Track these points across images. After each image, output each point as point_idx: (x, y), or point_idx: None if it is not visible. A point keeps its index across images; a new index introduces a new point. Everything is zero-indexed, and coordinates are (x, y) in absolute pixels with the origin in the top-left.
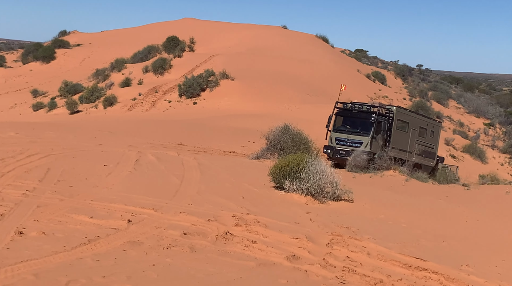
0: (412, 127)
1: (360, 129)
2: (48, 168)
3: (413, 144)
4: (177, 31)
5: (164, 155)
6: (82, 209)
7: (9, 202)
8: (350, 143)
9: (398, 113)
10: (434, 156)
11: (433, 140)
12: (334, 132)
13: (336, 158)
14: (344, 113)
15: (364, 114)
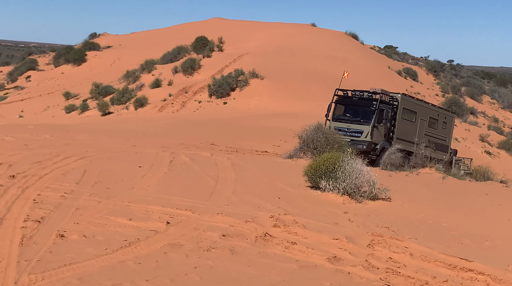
0: (420, 117)
1: (360, 118)
2: (84, 170)
3: (421, 135)
4: (206, 31)
5: (197, 155)
6: (120, 211)
7: (49, 205)
8: (350, 133)
9: (404, 101)
10: (447, 149)
11: (445, 132)
12: (333, 122)
13: None
14: (344, 101)
15: (365, 102)
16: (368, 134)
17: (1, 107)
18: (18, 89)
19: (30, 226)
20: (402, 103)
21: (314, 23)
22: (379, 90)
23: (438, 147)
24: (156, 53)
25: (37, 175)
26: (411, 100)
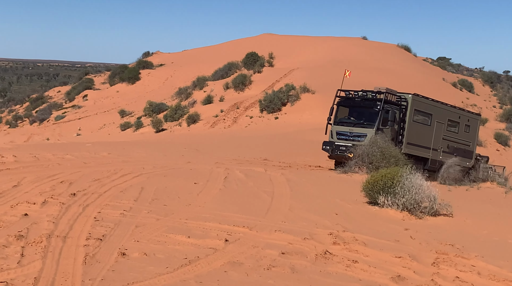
0: (437, 120)
1: (364, 120)
2: (141, 187)
3: (438, 140)
4: (256, 47)
5: (252, 171)
6: (178, 228)
7: (109, 222)
8: (352, 137)
9: (415, 102)
10: (471, 155)
11: (469, 136)
12: (335, 125)
13: (335, 155)
14: (346, 103)
15: (368, 103)
16: (372, 139)
17: (60, 126)
18: (75, 108)
19: (92, 244)
20: (413, 104)
21: (365, 36)
22: (384, 90)
23: (460, 153)
24: (207, 70)
25: (97, 192)
26: (424, 101)
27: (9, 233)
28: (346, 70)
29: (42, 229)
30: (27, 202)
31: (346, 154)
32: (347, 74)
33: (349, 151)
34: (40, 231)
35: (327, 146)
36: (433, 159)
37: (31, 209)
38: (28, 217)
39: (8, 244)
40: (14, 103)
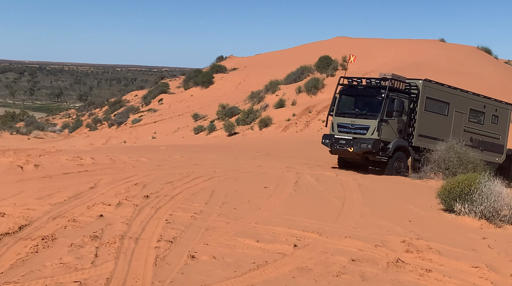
0: (456, 110)
1: (367, 110)
2: (212, 190)
3: (458, 132)
4: (329, 50)
5: (322, 175)
6: (247, 232)
7: (180, 225)
8: (353, 129)
9: (427, 89)
10: (502, 150)
11: (498, 128)
12: (336, 117)
13: (335, 150)
14: (349, 92)
15: (371, 91)
16: (375, 131)
17: (136, 129)
18: (151, 112)
19: (163, 246)
20: (425, 92)
21: (443, 39)
22: (390, 76)
23: (486, 147)
24: (280, 73)
25: (169, 195)
26: (439, 87)
27: (85, 234)
28: (351, 55)
29: (116, 230)
30: (102, 203)
31: (346, 148)
32: (352, 59)
33: (349, 145)
34: (114, 232)
35: (326, 139)
36: None
37: (106, 210)
38: (103, 218)
39: (83, 244)
40: (94, 107)
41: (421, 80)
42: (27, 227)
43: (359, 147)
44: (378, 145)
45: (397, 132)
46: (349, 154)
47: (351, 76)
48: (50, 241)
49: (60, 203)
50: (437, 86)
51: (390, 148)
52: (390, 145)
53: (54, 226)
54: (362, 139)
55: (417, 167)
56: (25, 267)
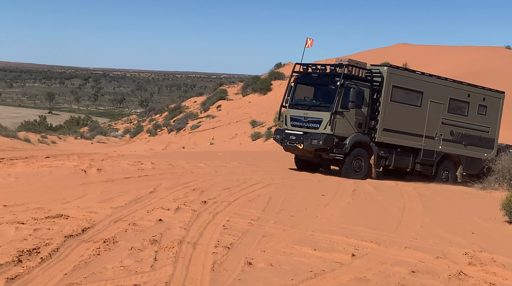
0: (431, 100)
1: (321, 101)
2: (269, 197)
3: (435, 125)
4: (390, 57)
5: (382, 184)
6: (304, 240)
7: (237, 231)
8: (306, 123)
9: (393, 77)
10: (492, 144)
11: (486, 120)
12: (289, 109)
13: (286, 146)
14: (303, 80)
15: (326, 79)
16: (328, 125)
17: (195, 135)
18: (209, 118)
19: (220, 252)
20: (391, 80)
21: (508, 46)
22: (346, 61)
23: (472, 141)
24: None
25: (226, 201)
26: (408, 75)
27: (145, 238)
28: (308, 39)
29: (174, 234)
30: (161, 208)
31: (296, 145)
32: (309, 43)
33: (300, 141)
34: (173, 237)
35: (277, 135)
36: (428, 150)
37: (165, 215)
38: (162, 222)
39: (143, 248)
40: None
41: (386, 67)
42: (89, 230)
43: (309, 143)
44: (331, 141)
45: (356, 126)
46: (300, 151)
47: (307, 63)
48: (111, 244)
49: (121, 206)
50: (406, 73)
51: (347, 143)
52: (346, 141)
53: (115, 229)
54: (314, 135)
55: (382, 165)
56: (88, 269)
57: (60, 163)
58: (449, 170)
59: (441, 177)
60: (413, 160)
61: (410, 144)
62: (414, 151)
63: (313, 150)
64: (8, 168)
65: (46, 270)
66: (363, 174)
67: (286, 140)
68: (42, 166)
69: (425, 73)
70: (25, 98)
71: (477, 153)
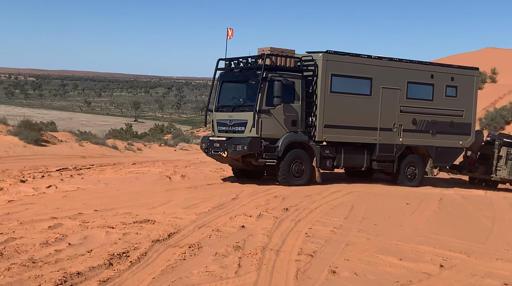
0: (384, 86)
1: (245, 100)
2: (352, 205)
3: (391, 114)
4: (477, 62)
5: (469, 193)
6: (389, 249)
7: (319, 239)
8: (232, 126)
9: (331, 64)
10: (468, 129)
11: (458, 102)
12: (216, 112)
13: (210, 155)
14: (227, 77)
15: (247, 74)
16: (252, 127)
17: None
18: None
19: (303, 259)
20: (328, 68)
21: None
22: (268, 51)
23: (442, 128)
24: None
25: (308, 208)
26: (351, 60)
27: (228, 244)
28: (229, 29)
29: (257, 241)
30: (244, 214)
31: (220, 153)
32: (230, 33)
33: (223, 149)
34: (256, 243)
35: (202, 142)
36: (385, 144)
37: (247, 222)
38: (245, 229)
39: (227, 254)
40: None
41: (320, 53)
42: (175, 235)
43: (234, 149)
44: (257, 145)
45: (288, 124)
46: (226, 160)
47: (231, 58)
48: (196, 249)
49: (204, 212)
50: (348, 59)
51: (279, 146)
52: (278, 143)
53: (200, 234)
54: (238, 139)
55: (329, 167)
56: (174, 273)
57: (146, 170)
58: (415, 165)
59: (406, 174)
60: (368, 157)
61: (361, 139)
62: (368, 147)
63: (240, 157)
64: (98, 174)
65: (135, 274)
66: (305, 179)
67: (210, 149)
68: (129, 172)
69: (373, 55)
70: (113, 107)
71: (449, 142)
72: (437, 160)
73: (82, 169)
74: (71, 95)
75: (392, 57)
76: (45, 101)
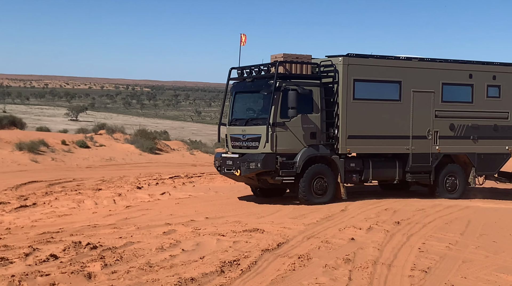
0: (415, 89)
1: (258, 112)
2: (468, 220)
3: (424, 120)
4: None
5: None
6: (510, 268)
7: (434, 255)
8: (246, 141)
9: (352, 69)
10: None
11: (502, 103)
12: (229, 126)
13: (224, 174)
14: (239, 88)
15: (259, 83)
16: (266, 142)
17: None
18: None
19: (417, 275)
20: (350, 72)
21: None
22: (281, 57)
23: (484, 133)
24: None
25: (421, 222)
26: (376, 63)
27: (338, 256)
28: (242, 35)
29: (367, 254)
30: (353, 226)
31: (233, 172)
32: (243, 39)
33: (236, 167)
34: (366, 257)
35: (216, 160)
36: (420, 153)
37: (357, 234)
38: (355, 241)
39: (337, 266)
40: None
41: (340, 57)
42: (284, 245)
43: (247, 167)
44: (273, 161)
45: (306, 137)
46: (241, 179)
47: (244, 66)
48: (305, 260)
49: (313, 223)
50: (372, 62)
51: (297, 162)
52: (296, 158)
53: (309, 245)
54: (251, 156)
55: (356, 181)
56: (284, 283)
57: None
58: (455, 175)
59: (445, 185)
60: (400, 168)
61: (391, 150)
62: (401, 157)
63: (254, 175)
64: (208, 182)
65: (246, 282)
66: (329, 196)
67: (223, 167)
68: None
69: (401, 56)
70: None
71: (494, 147)
72: (480, 168)
73: (193, 177)
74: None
75: (423, 57)
76: (159, 111)
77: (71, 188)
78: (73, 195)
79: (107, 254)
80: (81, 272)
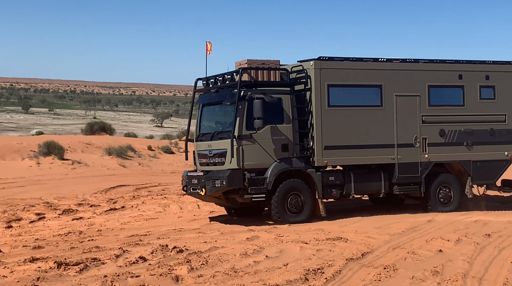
0: (397, 93)
1: (224, 125)
2: None
3: (410, 127)
4: None
5: None
6: None
7: None
8: (212, 157)
9: (325, 73)
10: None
11: (497, 105)
12: (196, 142)
13: (189, 194)
14: (205, 99)
15: (223, 93)
16: (232, 158)
17: None
18: None
19: None
20: (323, 77)
21: None
22: (245, 64)
23: (479, 138)
24: None
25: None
26: (352, 66)
27: (425, 268)
28: (208, 43)
29: (457, 267)
30: (441, 238)
31: (198, 192)
32: (209, 48)
33: (201, 186)
34: (455, 270)
35: (182, 179)
36: (407, 163)
37: (445, 246)
38: (443, 253)
39: (425, 278)
40: None
41: (312, 61)
42: (368, 255)
43: (212, 186)
44: (239, 178)
45: (278, 150)
46: (208, 198)
47: (210, 76)
48: (391, 271)
49: (398, 234)
50: (347, 65)
51: (267, 177)
52: (267, 174)
53: (394, 256)
54: (216, 173)
55: (336, 196)
56: None
57: None
58: (449, 186)
59: (438, 197)
60: (385, 180)
61: (374, 160)
62: (386, 168)
63: (221, 194)
64: None
65: None
66: (306, 214)
67: (189, 186)
68: None
69: (381, 58)
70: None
71: (491, 153)
72: (477, 177)
73: None
74: None
75: (405, 58)
76: None
77: (157, 192)
78: (159, 199)
79: (193, 258)
80: (169, 274)
